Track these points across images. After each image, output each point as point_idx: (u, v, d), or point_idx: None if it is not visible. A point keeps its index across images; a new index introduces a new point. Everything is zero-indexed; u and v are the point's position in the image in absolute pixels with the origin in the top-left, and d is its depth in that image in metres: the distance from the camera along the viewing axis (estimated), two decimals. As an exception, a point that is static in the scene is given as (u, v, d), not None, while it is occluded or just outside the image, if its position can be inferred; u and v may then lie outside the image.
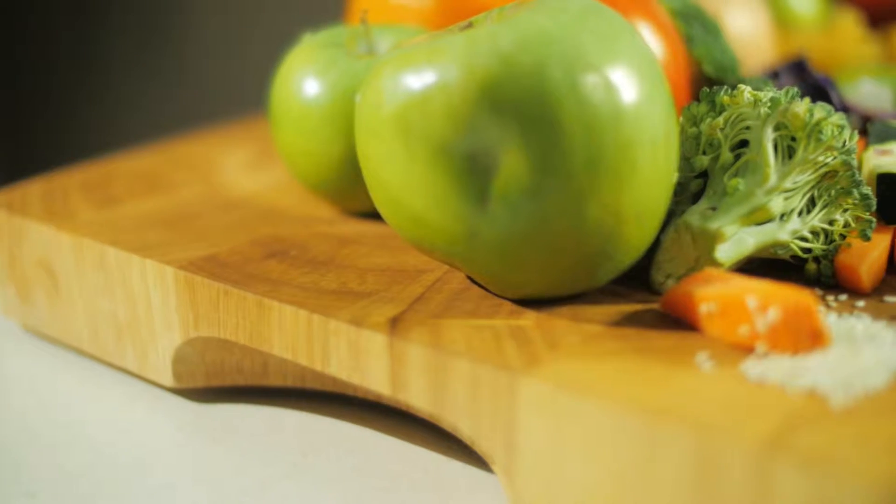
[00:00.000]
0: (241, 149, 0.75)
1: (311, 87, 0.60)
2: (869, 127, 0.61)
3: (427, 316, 0.51)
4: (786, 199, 0.51)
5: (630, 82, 0.48)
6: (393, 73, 0.49)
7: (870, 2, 0.91)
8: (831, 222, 0.52)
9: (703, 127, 0.53)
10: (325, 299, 0.53)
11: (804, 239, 0.52)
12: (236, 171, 0.71)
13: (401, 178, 0.49)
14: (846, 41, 0.83)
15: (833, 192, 0.52)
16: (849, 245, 0.52)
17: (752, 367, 0.45)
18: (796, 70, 0.68)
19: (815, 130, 0.51)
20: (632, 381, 0.44)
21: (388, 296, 0.53)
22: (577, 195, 0.47)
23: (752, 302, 0.46)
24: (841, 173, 0.52)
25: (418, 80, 0.48)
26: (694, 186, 0.53)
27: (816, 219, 0.52)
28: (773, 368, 0.45)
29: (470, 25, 0.51)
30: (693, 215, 0.51)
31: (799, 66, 0.68)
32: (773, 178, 0.51)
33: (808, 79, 0.66)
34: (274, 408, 0.58)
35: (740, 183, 0.51)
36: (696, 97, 0.57)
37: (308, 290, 0.54)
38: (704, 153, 0.53)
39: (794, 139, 0.52)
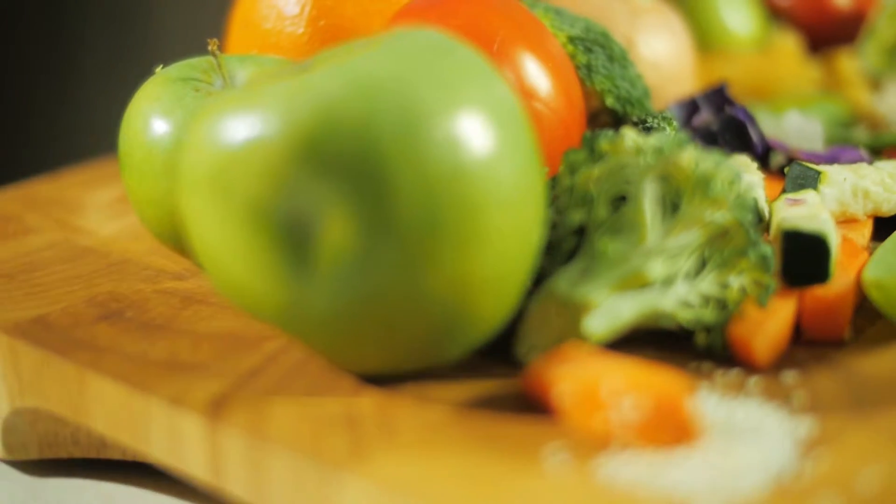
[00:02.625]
0: (106, 191, 0.70)
1: (155, 128, 0.55)
2: (787, 170, 0.56)
3: (258, 393, 0.46)
4: (669, 261, 0.47)
5: (476, 134, 0.43)
6: (211, 122, 0.45)
7: (811, 25, 0.86)
8: (725, 286, 0.47)
9: (578, 178, 0.48)
10: (150, 371, 0.49)
11: (693, 306, 0.47)
12: (95, 215, 0.66)
13: (219, 239, 0.45)
14: (784, 63, 0.78)
15: (725, 253, 0.47)
16: (744, 313, 0.47)
17: (605, 465, 0.40)
18: (716, 100, 0.63)
19: (702, 183, 0.46)
20: (467, 482, 0.40)
21: (219, 368, 0.49)
22: (414, 263, 0.43)
23: (606, 388, 0.41)
24: (733, 231, 0.47)
25: (236, 132, 0.44)
26: (568, 246, 0.48)
27: (706, 283, 0.47)
28: (629, 466, 0.40)
29: (309, 66, 0.47)
30: (560, 280, 0.47)
31: (719, 95, 0.63)
32: (651, 238, 0.46)
33: (729, 110, 0.61)
34: (113, 483, 0.54)
35: (611, 243, 0.46)
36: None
37: (134, 360, 0.50)
38: (579, 208, 0.48)
39: (685, 194, 0.47)
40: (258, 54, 0.61)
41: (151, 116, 0.56)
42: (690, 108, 0.64)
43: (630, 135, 0.48)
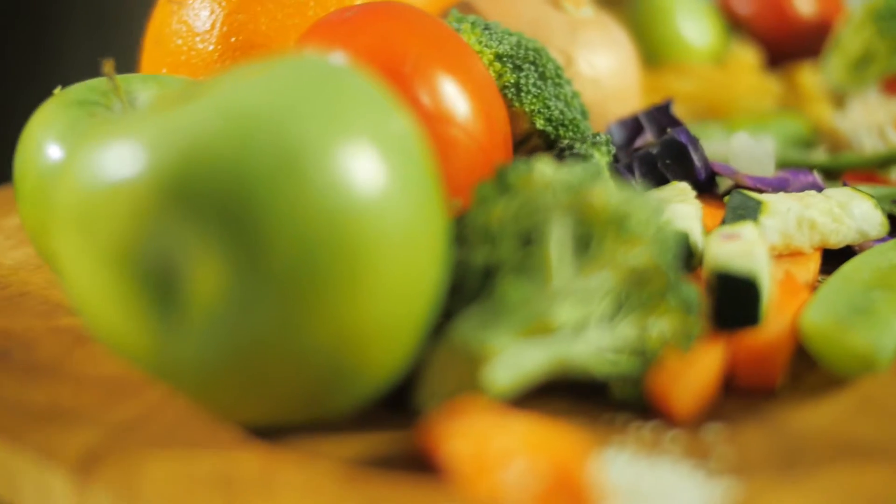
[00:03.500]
0: (11, 218, 0.67)
1: (48, 154, 0.52)
2: (727, 199, 0.53)
3: (135, 446, 0.43)
4: (579, 305, 0.43)
5: (363, 171, 0.40)
6: (82, 155, 0.42)
7: (772, 36, 0.83)
8: (643, 332, 0.44)
9: (486, 213, 0.45)
10: (27, 420, 0.46)
11: (607, 354, 0.44)
12: (-1, 241, 0.63)
13: (87, 280, 0.41)
14: (741, 77, 0.75)
15: (643, 296, 0.44)
16: (664, 361, 0.44)
17: (493, 538, 0.37)
18: (661, 119, 0.60)
19: (615, 221, 0.43)
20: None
21: (99, 417, 0.45)
22: (292, 312, 0.40)
23: (498, 449, 0.38)
24: (651, 272, 0.43)
25: (103, 168, 0.41)
26: (474, 287, 0.45)
27: (622, 329, 0.44)
28: (519, 540, 0.36)
29: (193, 92, 0.43)
30: (460, 325, 0.43)
31: (664, 113, 0.60)
32: (558, 280, 0.43)
33: (670, 132, 0.58)
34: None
35: (514, 286, 0.43)
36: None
37: (11, 405, 0.47)
38: (484, 246, 0.44)
39: (597, 231, 0.43)
40: (167, 73, 0.57)
41: (44, 142, 0.53)
42: (633, 127, 0.61)
43: (541, 168, 0.44)
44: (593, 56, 0.62)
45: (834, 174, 0.65)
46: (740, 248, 0.48)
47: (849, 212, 0.54)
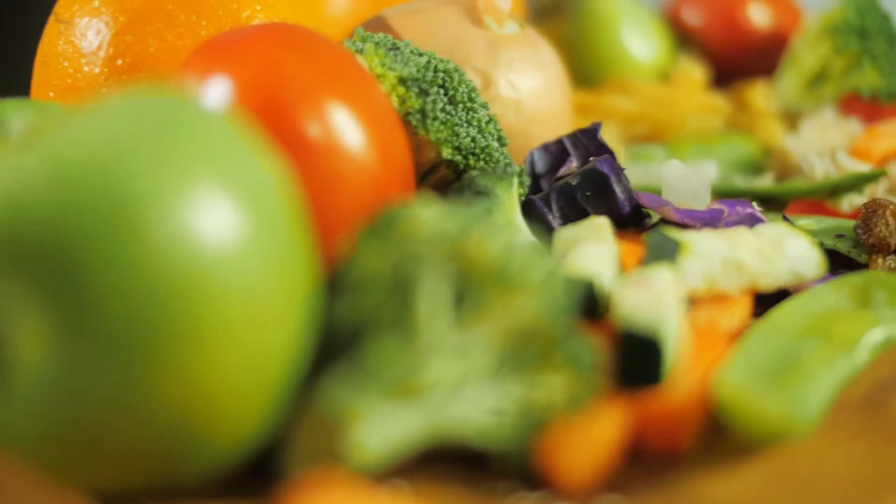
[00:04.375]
0: None
1: None
2: (646, 237, 0.49)
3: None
4: (456, 362, 0.39)
5: (207, 222, 0.37)
6: None
7: (724, 50, 0.78)
8: (529, 392, 0.40)
9: (361, 261, 0.41)
10: None
11: (488, 416, 0.40)
12: None
13: None
14: (687, 95, 0.71)
15: (529, 352, 0.40)
16: (553, 424, 0.40)
17: None
18: (587, 144, 0.56)
19: (496, 272, 0.39)
20: None
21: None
22: (126, 373, 0.36)
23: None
24: (537, 326, 0.39)
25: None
26: (344, 343, 0.41)
27: (506, 388, 0.40)
28: None
29: (29, 137, 0.40)
30: (327, 385, 0.39)
31: (591, 138, 0.56)
32: (432, 336, 0.39)
33: (592, 162, 0.54)
34: None
35: (380, 343, 0.39)
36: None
37: None
38: (356, 296, 0.40)
39: (475, 283, 0.39)
40: (54, 97, 0.53)
41: None
42: (558, 153, 0.57)
43: (418, 214, 0.40)
44: (515, 76, 0.58)
45: (779, 203, 0.61)
46: (647, 296, 0.43)
47: (782, 251, 0.50)
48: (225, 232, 0.37)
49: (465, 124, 0.53)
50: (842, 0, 0.73)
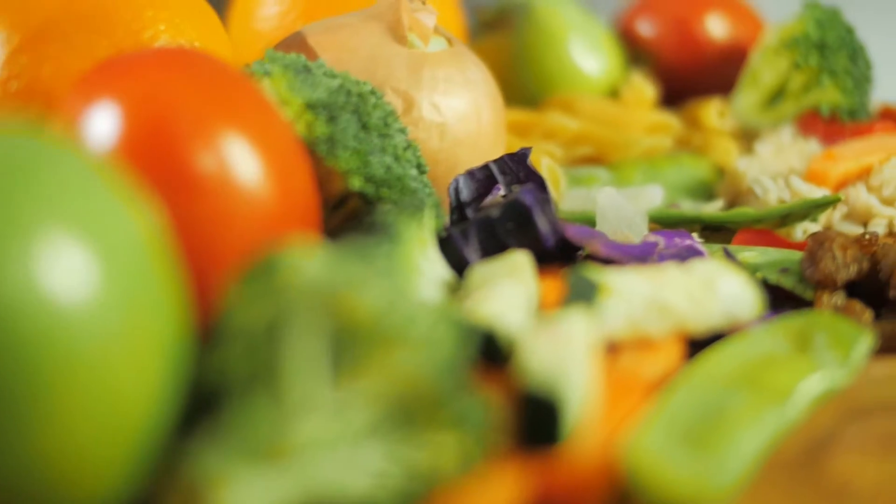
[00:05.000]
0: None
1: None
2: (566, 276, 0.45)
3: None
4: (331, 422, 0.36)
5: (54, 271, 0.35)
6: None
7: (678, 64, 0.75)
8: (412, 452, 0.37)
9: (236, 314, 0.37)
10: None
11: (366, 479, 0.36)
12: None
13: None
14: (638, 112, 0.67)
15: (414, 410, 0.36)
16: (439, 488, 0.37)
17: None
18: (516, 171, 0.52)
19: (374, 326, 0.36)
20: None
21: None
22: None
23: None
24: (421, 383, 0.36)
25: None
26: (215, 401, 0.38)
27: (389, 449, 0.37)
28: None
29: None
30: (192, 448, 0.36)
31: (520, 164, 0.52)
32: (303, 393, 0.36)
33: (514, 192, 0.50)
34: None
35: (247, 401, 0.36)
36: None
37: None
38: (227, 350, 0.37)
39: (353, 337, 0.36)
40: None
41: None
42: (485, 180, 0.53)
43: (292, 261, 0.37)
44: (440, 97, 0.55)
45: (728, 231, 0.58)
46: (552, 347, 0.40)
47: (713, 291, 0.46)
48: (73, 285, 0.34)
49: (379, 152, 0.50)
50: (801, 11, 0.69)
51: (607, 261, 0.50)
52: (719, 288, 0.47)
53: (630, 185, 0.63)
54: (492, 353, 0.42)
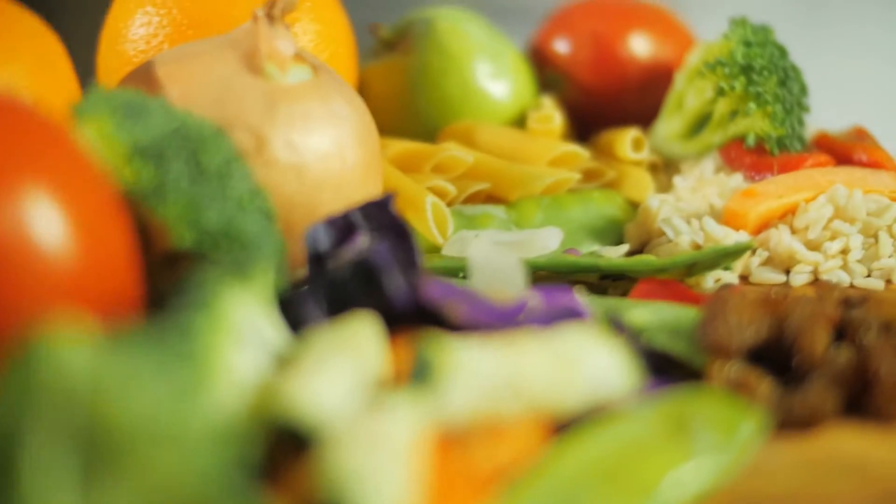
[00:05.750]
0: None
1: None
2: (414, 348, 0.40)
3: None
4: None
5: None
6: None
7: (595, 85, 0.69)
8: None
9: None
10: None
11: None
12: None
13: None
14: (543, 142, 0.62)
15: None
16: None
17: None
18: (378, 219, 0.47)
19: (132, 429, 0.31)
20: None
21: None
22: None
23: None
24: (184, 489, 0.31)
25: None
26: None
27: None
28: None
29: None
30: None
31: (381, 212, 0.47)
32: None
33: (363, 249, 0.45)
34: None
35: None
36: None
37: None
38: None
39: (105, 441, 0.31)
40: None
41: None
42: (346, 229, 0.48)
43: (51, 354, 0.32)
44: (298, 135, 0.49)
45: (628, 281, 0.52)
46: (364, 442, 0.35)
47: (577, 366, 0.41)
48: None
49: (218, 201, 0.45)
50: (727, 30, 0.63)
51: (467, 325, 0.45)
52: (585, 362, 0.41)
53: (530, 225, 0.57)
54: (296, 445, 0.36)
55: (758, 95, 0.61)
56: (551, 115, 0.64)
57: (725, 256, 0.52)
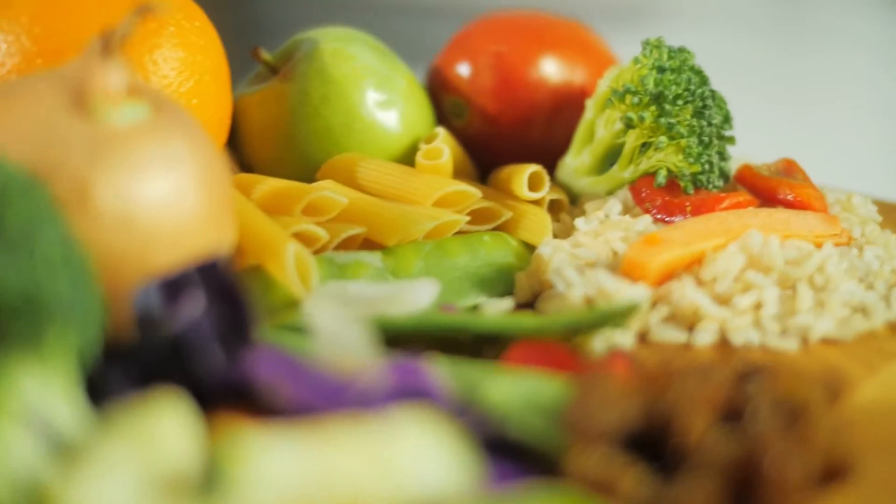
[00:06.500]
0: None
1: None
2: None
3: None
4: None
5: None
6: None
7: (501, 122, 0.62)
8: None
9: None
10: None
11: None
12: None
13: None
14: (430, 179, 0.56)
15: None
16: None
17: None
18: (209, 282, 0.42)
19: None
20: None
21: None
22: None
23: None
24: None
25: None
26: None
27: None
28: None
29: None
30: None
31: (211, 275, 0.42)
32: None
33: (178, 321, 0.40)
34: None
35: None
36: None
37: None
38: None
39: None
40: None
41: None
42: (179, 289, 0.43)
43: None
44: (128, 182, 0.44)
45: (503, 343, 0.47)
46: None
47: (397, 466, 0.36)
48: None
49: (20, 260, 0.40)
50: (641, 52, 0.57)
51: (296, 408, 0.40)
52: (407, 459, 0.36)
53: (408, 275, 0.52)
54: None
55: (670, 127, 0.55)
56: (439, 150, 0.58)
57: (612, 318, 0.47)
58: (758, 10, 1.56)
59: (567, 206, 0.60)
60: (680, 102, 0.56)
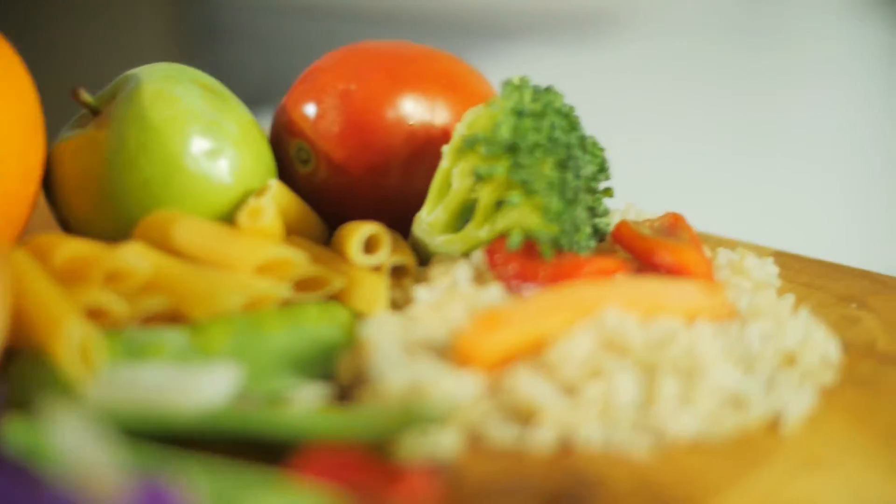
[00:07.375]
0: None
1: None
2: None
3: None
4: None
5: None
6: None
7: (352, 170, 0.55)
8: None
9: None
10: None
11: None
12: None
13: None
14: (249, 241, 0.50)
15: None
16: None
17: None
18: None
19: None
20: None
21: None
22: None
23: None
24: None
25: None
26: None
27: None
28: None
29: None
30: None
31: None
32: None
33: None
34: None
35: None
36: None
37: None
38: None
39: None
40: None
41: None
42: None
43: None
44: None
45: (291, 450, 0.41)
46: None
47: None
48: None
49: None
50: (499, 93, 0.50)
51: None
52: None
53: (217, 354, 0.46)
54: None
55: (524, 182, 0.49)
56: (260, 209, 0.51)
57: (420, 418, 0.41)
58: (717, 17, 1.50)
59: (413, 270, 0.53)
60: (538, 153, 0.49)
